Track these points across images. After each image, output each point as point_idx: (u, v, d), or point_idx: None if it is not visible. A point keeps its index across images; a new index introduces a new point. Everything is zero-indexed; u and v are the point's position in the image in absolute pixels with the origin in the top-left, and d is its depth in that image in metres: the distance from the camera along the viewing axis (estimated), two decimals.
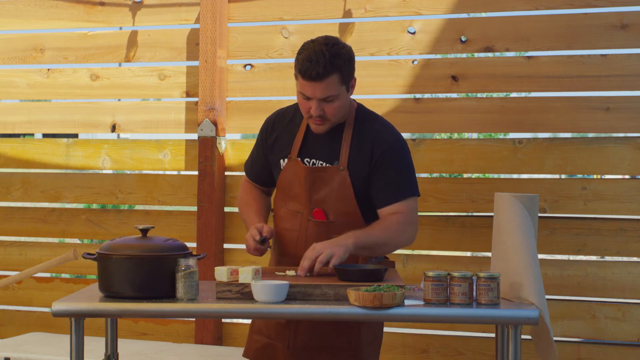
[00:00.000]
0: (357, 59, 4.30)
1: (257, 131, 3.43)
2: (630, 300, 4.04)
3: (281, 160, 3.23)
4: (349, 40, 4.32)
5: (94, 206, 8.18)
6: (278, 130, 3.27)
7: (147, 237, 2.90)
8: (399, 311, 2.73)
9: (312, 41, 3.08)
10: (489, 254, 3.93)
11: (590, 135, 4.15)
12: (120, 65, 4.75)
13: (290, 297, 2.81)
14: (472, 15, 4.31)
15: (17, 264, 4.82)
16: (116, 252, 2.82)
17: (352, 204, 3.13)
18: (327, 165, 3.15)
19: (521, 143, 4.14)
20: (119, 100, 4.76)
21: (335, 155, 3.15)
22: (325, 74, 3.00)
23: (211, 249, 4.39)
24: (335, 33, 4.33)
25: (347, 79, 3.09)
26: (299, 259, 3.07)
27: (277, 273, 3.03)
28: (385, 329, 4.34)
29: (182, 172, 4.65)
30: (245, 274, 2.83)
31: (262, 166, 3.33)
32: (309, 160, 3.18)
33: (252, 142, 3.90)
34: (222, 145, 4.47)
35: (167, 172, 4.67)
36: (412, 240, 3.17)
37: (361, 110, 3.23)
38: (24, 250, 4.85)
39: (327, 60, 3.00)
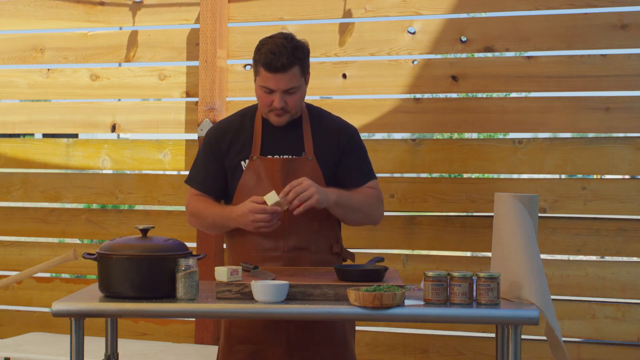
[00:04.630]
0: (357, 59, 4.35)
1: None
2: (630, 300, 4.04)
3: (242, 162, 3.25)
4: (349, 40, 4.32)
5: (94, 206, 8.19)
6: (229, 136, 3.28)
7: (147, 237, 2.90)
8: (399, 311, 2.73)
9: (270, 37, 3.19)
10: (489, 254, 3.93)
11: (590, 135, 4.15)
12: (120, 65, 4.75)
13: (290, 297, 2.81)
14: (472, 15, 4.31)
15: (17, 264, 4.82)
16: (116, 252, 2.82)
17: None
18: (295, 157, 3.22)
19: (521, 143, 4.14)
20: (119, 100, 4.76)
21: (300, 148, 3.24)
22: (289, 65, 3.11)
23: (211, 249, 4.39)
24: (335, 33, 4.34)
25: (306, 72, 3.21)
26: (284, 248, 3.18)
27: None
28: (385, 329, 4.37)
29: (182, 172, 4.64)
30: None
31: (216, 174, 3.28)
32: (272, 156, 3.23)
33: None
34: None
35: (167, 172, 4.67)
36: (381, 218, 3.33)
37: (312, 107, 3.36)
38: (24, 250, 4.84)
39: (289, 52, 3.12)
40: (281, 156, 3.23)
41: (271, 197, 3.03)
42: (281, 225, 3.15)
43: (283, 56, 3.09)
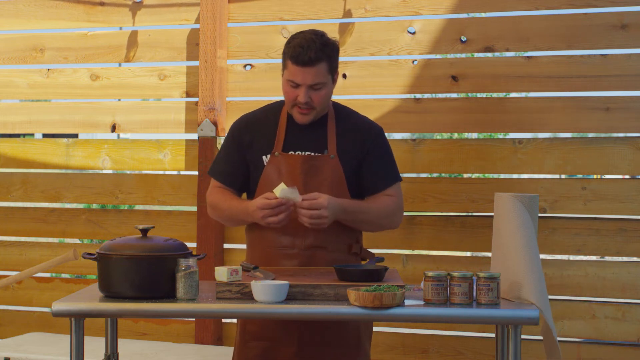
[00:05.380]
0: (357, 59, 4.35)
1: None
2: (630, 300, 4.04)
3: (264, 157, 3.25)
4: (349, 40, 4.32)
5: (94, 206, 8.19)
6: (252, 130, 3.30)
7: (147, 237, 2.90)
8: (399, 311, 2.74)
9: (301, 32, 3.21)
10: (489, 254, 3.93)
11: (590, 135, 4.15)
12: (120, 65, 4.75)
13: (290, 297, 2.81)
14: (472, 15, 4.31)
15: (17, 264, 4.82)
16: (116, 252, 2.82)
17: (344, 190, 3.20)
18: (318, 154, 3.21)
19: (521, 143, 4.14)
20: (119, 100, 4.76)
21: (323, 146, 3.23)
22: (316, 60, 3.12)
23: (211, 249, 4.39)
24: (335, 33, 4.33)
25: (334, 70, 3.21)
26: (302, 246, 3.18)
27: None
28: (385, 329, 4.37)
29: (182, 172, 4.65)
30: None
31: (238, 167, 3.30)
32: (293, 152, 3.23)
33: None
34: None
35: (167, 172, 4.67)
36: (397, 224, 3.32)
37: (339, 106, 3.36)
38: (24, 250, 4.84)
39: (317, 47, 3.13)
40: (303, 152, 3.22)
41: (279, 189, 3.03)
42: (299, 222, 3.12)
43: (311, 50, 3.10)
